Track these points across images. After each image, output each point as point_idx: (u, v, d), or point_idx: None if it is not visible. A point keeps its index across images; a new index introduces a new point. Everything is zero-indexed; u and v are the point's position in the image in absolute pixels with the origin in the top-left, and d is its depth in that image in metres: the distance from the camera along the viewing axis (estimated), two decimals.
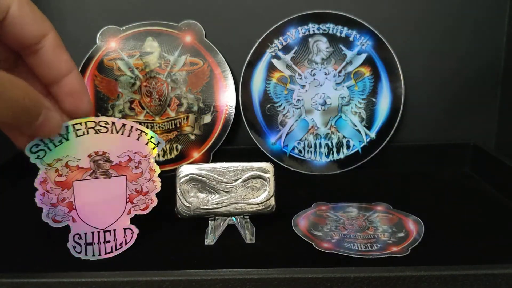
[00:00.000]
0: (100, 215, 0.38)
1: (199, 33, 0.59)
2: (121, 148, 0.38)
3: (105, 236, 0.39)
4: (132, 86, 0.59)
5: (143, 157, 0.39)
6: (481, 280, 0.34)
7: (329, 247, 0.40)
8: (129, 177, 0.39)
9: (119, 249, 0.39)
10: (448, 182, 0.57)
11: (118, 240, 0.39)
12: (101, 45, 0.59)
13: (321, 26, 0.59)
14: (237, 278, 0.34)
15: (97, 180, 0.38)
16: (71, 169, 0.38)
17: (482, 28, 0.61)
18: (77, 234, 0.39)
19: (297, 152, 0.60)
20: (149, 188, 0.39)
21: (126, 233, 0.39)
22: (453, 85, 0.62)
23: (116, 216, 0.39)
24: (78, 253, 0.39)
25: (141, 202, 0.39)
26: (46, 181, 0.37)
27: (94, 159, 0.38)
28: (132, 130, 0.38)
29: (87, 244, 0.39)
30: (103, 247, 0.39)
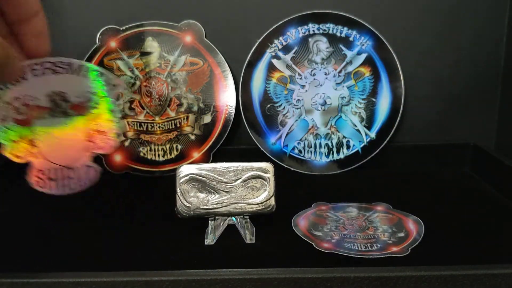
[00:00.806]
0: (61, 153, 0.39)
1: (199, 33, 0.59)
2: (79, 88, 0.38)
3: (68, 173, 0.39)
4: (132, 86, 0.59)
5: (101, 98, 0.39)
6: (481, 280, 0.34)
7: (329, 247, 0.40)
8: (88, 117, 0.39)
9: (82, 186, 0.40)
10: (448, 182, 0.57)
11: (81, 177, 0.40)
12: (101, 45, 0.59)
13: (321, 26, 0.59)
14: (237, 278, 0.34)
15: (56, 119, 0.38)
16: (30, 108, 0.38)
17: (482, 28, 0.61)
18: (40, 170, 0.39)
19: (297, 152, 0.60)
20: (109, 127, 0.40)
21: (88, 171, 0.40)
22: (453, 85, 0.62)
23: (77, 154, 0.39)
24: (41, 188, 0.39)
25: (100, 141, 0.40)
26: (5, 119, 0.38)
27: (53, 99, 0.38)
28: (90, 71, 0.38)
29: (51, 179, 0.39)
30: (67, 183, 0.40)
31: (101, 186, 0.56)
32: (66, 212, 0.50)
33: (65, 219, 0.48)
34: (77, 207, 0.51)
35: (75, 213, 0.50)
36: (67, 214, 0.50)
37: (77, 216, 0.49)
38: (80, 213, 0.50)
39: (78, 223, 0.47)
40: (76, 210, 0.51)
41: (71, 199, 0.53)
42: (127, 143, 0.60)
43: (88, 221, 0.48)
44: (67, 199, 0.53)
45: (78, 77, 0.38)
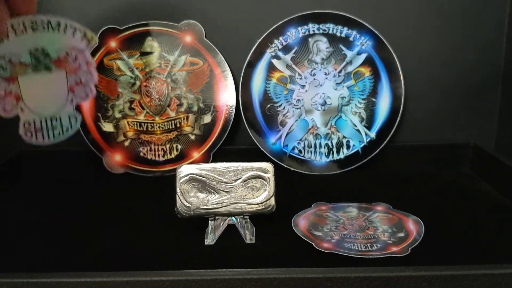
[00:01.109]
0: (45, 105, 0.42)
1: (199, 33, 0.59)
2: (59, 44, 0.41)
3: (52, 123, 0.43)
4: (132, 86, 0.59)
5: (79, 52, 0.42)
6: (481, 280, 0.34)
7: (329, 247, 0.40)
8: (68, 70, 0.42)
9: (66, 134, 0.43)
10: (448, 182, 0.57)
11: (64, 126, 0.43)
12: (101, 45, 0.59)
13: (321, 26, 0.59)
14: (237, 278, 0.34)
15: (39, 73, 0.41)
16: (14, 65, 0.41)
17: (482, 28, 0.61)
18: (27, 122, 0.42)
19: (297, 152, 0.60)
20: (88, 79, 0.43)
21: (71, 119, 0.43)
22: (453, 85, 0.62)
23: (60, 105, 0.43)
24: (30, 139, 0.43)
25: (81, 92, 0.43)
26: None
27: (35, 55, 0.41)
28: (67, 28, 0.42)
29: (37, 130, 0.42)
30: (51, 132, 0.43)
31: (101, 186, 0.57)
32: (66, 212, 0.50)
33: (65, 219, 0.48)
34: (77, 207, 0.51)
35: (75, 213, 0.50)
36: (67, 214, 0.50)
37: (77, 216, 0.49)
38: (80, 213, 0.50)
39: (78, 223, 0.47)
40: (76, 210, 0.51)
41: (71, 198, 0.54)
42: (127, 143, 0.60)
43: (88, 221, 0.48)
44: (67, 199, 0.54)
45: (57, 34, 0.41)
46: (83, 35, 0.42)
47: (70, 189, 0.56)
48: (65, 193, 0.56)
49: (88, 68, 0.43)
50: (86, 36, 0.42)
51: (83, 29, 0.42)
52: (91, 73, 0.43)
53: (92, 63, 0.43)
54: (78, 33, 0.42)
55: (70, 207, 0.52)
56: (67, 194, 0.55)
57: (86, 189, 0.57)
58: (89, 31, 0.42)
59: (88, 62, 0.43)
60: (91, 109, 0.59)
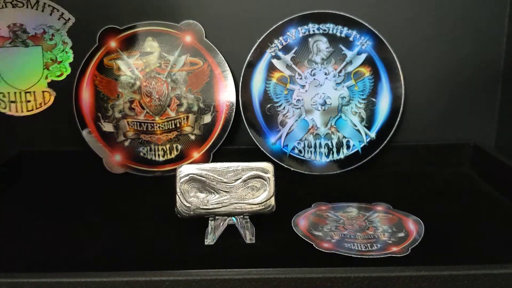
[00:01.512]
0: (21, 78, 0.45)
1: (199, 33, 0.59)
2: (36, 21, 0.44)
3: (26, 97, 0.46)
4: (132, 86, 0.59)
5: (56, 31, 0.45)
6: (481, 280, 0.34)
7: (329, 247, 0.40)
8: (44, 47, 0.46)
9: (39, 108, 0.47)
10: (448, 182, 0.57)
11: (37, 100, 0.46)
12: (101, 45, 0.59)
13: (321, 26, 0.59)
14: (237, 278, 0.34)
15: (16, 48, 0.44)
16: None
17: (482, 28, 0.61)
18: (2, 93, 0.45)
19: (297, 152, 0.60)
20: (63, 58, 0.46)
21: (45, 95, 0.47)
22: (453, 85, 0.62)
23: (35, 80, 0.46)
24: (3, 109, 0.46)
25: (56, 69, 0.47)
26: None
27: (13, 30, 0.44)
28: (45, 6, 0.45)
29: (11, 101, 0.46)
30: (25, 105, 0.46)
31: (101, 186, 0.57)
32: (65, 212, 0.50)
33: (64, 219, 0.48)
34: (77, 207, 0.51)
35: (75, 213, 0.50)
36: (66, 214, 0.50)
37: (77, 216, 0.49)
38: (80, 213, 0.50)
39: (78, 223, 0.47)
40: (76, 210, 0.51)
41: (71, 199, 0.54)
42: (127, 143, 0.60)
43: (88, 221, 0.48)
44: (67, 199, 0.54)
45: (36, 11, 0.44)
46: (60, 14, 0.45)
47: (70, 189, 0.56)
48: (65, 193, 0.56)
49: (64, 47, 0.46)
50: (63, 16, 0.45)
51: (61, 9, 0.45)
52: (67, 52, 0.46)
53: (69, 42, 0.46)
54: (56, 12, 0.45)
55: (70, 207, 0.52)
56: (67, 194, 0.55)
57: (86, 189, 0.57)
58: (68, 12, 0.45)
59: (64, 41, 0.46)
60: (91, 109, 0.59)
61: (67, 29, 0.46)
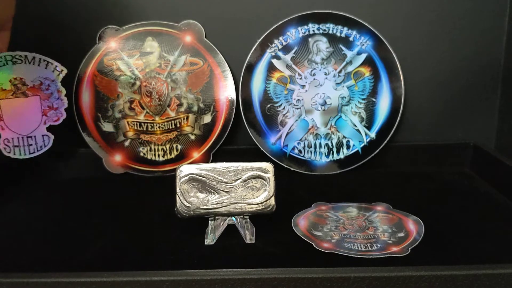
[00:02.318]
0: (23, 125, 0.51)
1: (199, 33, 0.59)
2: (34, 74, 0.51)
3: (28, 141, 0.51)
4: (132, 86, 0.59)
5: (51, 81, 0.51)
6: (481, 280, 0.34)
7: (329, 247, 0.40)
8: (42, 97, 0.51)
9: (40, 151, 0.52)
10: (448, 182, 0.57)
11: (38, 143, 0.52)
12: (101, 45, 0.59)
13: (321, 26, 0.59)
14: (237, 278, 0.34)
15: (17, 98, 0.51)
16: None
17: (482, 28, 0.61)
18: (6, 139, 0.51)
19: (297, 152, 0.60)
20: (59, 104, 0.52)
21: (44, 138, 0.52)
22: (453, 85, 0.62)
23: (35, 126, 0.52)
24: (8, 153, 0.52)
25: (53, 115, 0.52)
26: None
27: (14, 83, 0.50)
28: (41, 61, 0.51)
29: (15, 146, 0.51)
30: (27, 149, 0.52)
31: (101, 186, 0.57)
32: (65, 212, 0.50)
33: (64, 219, 0.48)
34: (77, 207, 0.51)
35: (75, 213, 0.50)
36: (66, 214, 0.50)
37: (77, 216, 0.49)
38: (80, 213, 0.50)
39: (78, 223, 0.47)
40: (76, 210, 0.51)
41: (71, 198, 0.54)
42: (127, 143, 0.60)
43: (88, 221, 0.48)
44: (67, 199, 0.54)
45: (33, 66, 0.50)
46: (54, 67, 0.51)
47: (70, 189, 0.56)
48: (65, 193, 0.56)
49: (59, 95, 0.52)
50: (57, 68, 0.51)
51: (55, 63, 0.51)
52: (62, 100, 0.52)
53: (63, 91, 0.52)
54: (50, 65, 0.51)
55: (70, 207, 0.52)
56: (67, 194, 0.55)
57: (86, 189, 0.57)
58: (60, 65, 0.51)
59: (59, 90, 0.52)
60: (91, 109, 0.59)
61: (60, 79, 0.52)
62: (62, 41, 0.60)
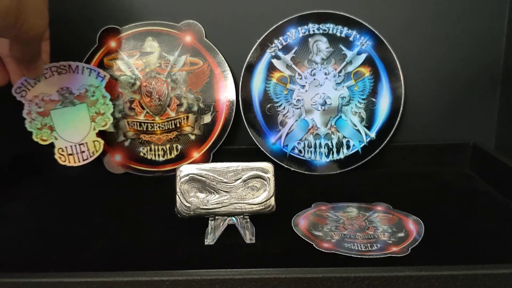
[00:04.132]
0: (74, 133, 0.52)
1: (199, 33, 0.59)
2: (79, 83, 0.52)
3: (80, 148, 0.52)
4: (132, 86, 0.59)
5: (95, 88, 0.52)
6: (481, 280, 0.34)
7: (329, 247, 0.40)
8: (89, 103, 0.52)
9: (93, 156, 0.53)
10: (448, 182, 0.57)
11: (90, 150, 0.53)
12: (101, 45, 0.59)
13: (321, 26, 0.59)
14: (237, 278, 0.34)
15: (66, 107, 0.52)
16: (46, 102, 0.52)
17: (482, 28, 0.61)
18: (60, 148, 0.52)
19: (297, 152, 0.60)
20: (105, 110, 0.53)
21: (95, 144, 0.53)
22: (453, 85, 0.62)
23: (85, 133, 0.53)
24: (63, 162, 0.53)
25: (101, 120, 0.53)
26: (30, 113, 0.51)
27: (61, 93, 0.51)
28: (84, 69, 0.52)
29: (69, 154, 0.52)
30: (81, 156, 0.53)
31: (101, 186, 0.57)
32: (66, 212, 0.50)
33: (64, 218, 0.48)
34: (77, 207, 0.51)
35: (75, 213, 0.50)
36: (67, 214, 0.50)
37: (77, 215, 0.49)
38: (80, 213, 0.50)
39: (78, 223, 0.47)
40: (76, 209, 0.51)
41: (71, 199, 0.54)
42: (127, 143, 0.60)
43: (88, 221, 0.48)
44: (67, 199, 0.54)
45: (77, 74, 0.52)
46: (97, 74, 0.52)
47: (70, 189, 0.56)
48: (65, 193, 0.56)
49: (104, 101, 0.53)
50: (100, 74, 0.52)
51: (97, 69, 0.52)
52: (107, 105, 0.53)
53: (108, 96, 0.53)
54: (93, 72, 0.52)
55: (70, 207, 0.52)
56: (67, 194, 0.55)
57: (86, 189, 0.57)
58: (101, 70, 0.53)
59: (104, 96, 0.52)
60: None
61: (104, 85, 0.53)
62: (62, 41, 0.60)
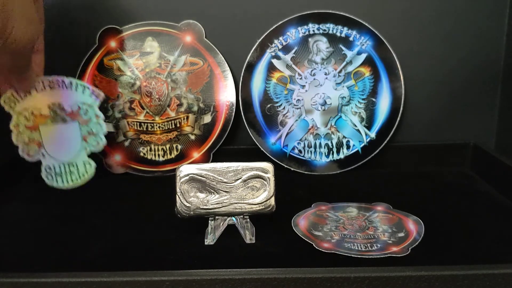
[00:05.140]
0: (63, 152, 0.48)
1: (199, 33, 0.59)
2: (71, 100, 0.48)
3: (70, 168, 0.48)
4: (132, 86, 0.59)
5: (89, 106, 0.48)
6: (481, 280, 0.34)
7: (329, 247, 0.40)
8: (81, 122, 0.48)
9: (83, 179, 0.49)
10: (448, 182, 0.57)
11: (80, 171, 0.48)
12: (101, 45, 0.59)
13: (321, 26, 0.59)
14: (237, 278, 0.34)
15: (57, 124, 0.48)
16: (36, 116, 0.48)
17: (482, 28, 0.61)
18: (48, 166, 0.48)
19: (297, 152, 0.60)
20: (98, 130, 0.49)
21: (86, 166, 0.48)
22: (453, 85, 0.62)
23: (75, 152, 0.48)
24: (51, 182, 0.48)
25: (93, 141, 0.49)
26: (18, 126, 0.47)
27: (52, 109, 0.48)
28: (78, 86, 0.48)
29: (56, 174, 0.48)
30: (69, 177, 0.48)
31: (101, 186, 0.57)
32: (66, 212, 0.50)
33: (65, 219, 0.48)
34: (77, 207, 0.51)
35: (75, 213, 0.50)
36: (67, 214, 0.50)
37: (77, 216, 0.49)
38: (80, 213, 0.50)
39: (79, 223, 0.47)
40: (76, 210, 0.51)
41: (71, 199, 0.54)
42: (127, 143, 0.60)
43: (88, 221, 0.48)
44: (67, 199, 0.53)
45: (70, 91, 0.48)
46: (91, 92, 0.48)
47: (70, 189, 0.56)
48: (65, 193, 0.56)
49: (97, 120, 0.49)
50: (94, 93, 0.48)
51: (91, 87, 0.48)
52: (101, 125, 0.49)
53: (101, 116, 0.49)
54: (86, 90, 0.48)
55: (70, 207, 0.52)
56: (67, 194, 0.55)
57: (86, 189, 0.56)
58: (95, 88, 0.49)
59: (97, 115, 0.48)
60: None
61: (98, 104, 0.49)
62: (62, 41, 0.60)
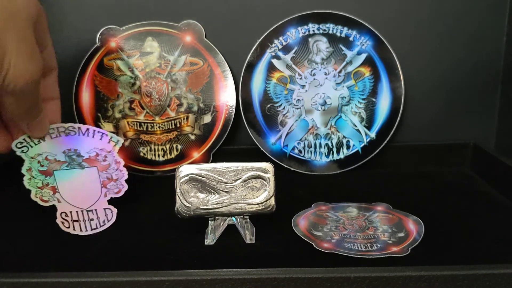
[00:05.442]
0: (81, 198, 0.46)
1: (199, 33, 0.59)
2: (88, 146, 0.46)
3: (88, 215, 0.46)
4: (132, 86, 0.59)
5: (107, 152, 0.47)
6: (481, 280, 0.34)
7: (329, 247, 0.40)
8: (100, 168, 0.47)
9: (103, 226, 0.46)
10: (448, 182, 0.57)
11: (100, 218, 0.47)
12: (101, 45, 0.59)
13: (321, 26, 0.59)
14: (237, 278, 0.34)
15: (73, 170, 0.46)
16: (50, 161, 0.46)
17: (482, 28, 0.61)
18: (64, 212, 0.46)
19: (297, 152, 0.60)
20: (118, 176, 0.47)
21: (107, 212, 0.47)
22: (453, 85, 0.62)
23: (95, 198, 0.47)
24: (67, 228, 0.46)
25: (113, 187, 0.47)
26: (31, 169, 0.46)
27: (68, 154, 0.46)
28: (95, 133, 0.47)
29: (74, 221, 0.46)
30: (89, 224, 0.46)
31: None
32: None
33: None
34: None
35: None
36: None
37: None
38: None
39: None
40: None
41: None
42: (127, 143, 0.60)
43: None
44: None
45: (87, 137, 0.46)
46: (110, 138, 0.46)
47: None
48: None
49: (117, 166, 0.47)
50: (112, 139, 0.47)
51: (109, 134, 0.47)
52: (121, 171, 0.47)
53: (121, 162, 0.47)
54: (104, 137, 0.47)
55: None
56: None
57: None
58: (112, 135, 0.47)
59: (117, 161, 0.47)
60: (91, 109, 0.59)
61: (117, 150, 0.47)
62: (62, 41, 0.60)
